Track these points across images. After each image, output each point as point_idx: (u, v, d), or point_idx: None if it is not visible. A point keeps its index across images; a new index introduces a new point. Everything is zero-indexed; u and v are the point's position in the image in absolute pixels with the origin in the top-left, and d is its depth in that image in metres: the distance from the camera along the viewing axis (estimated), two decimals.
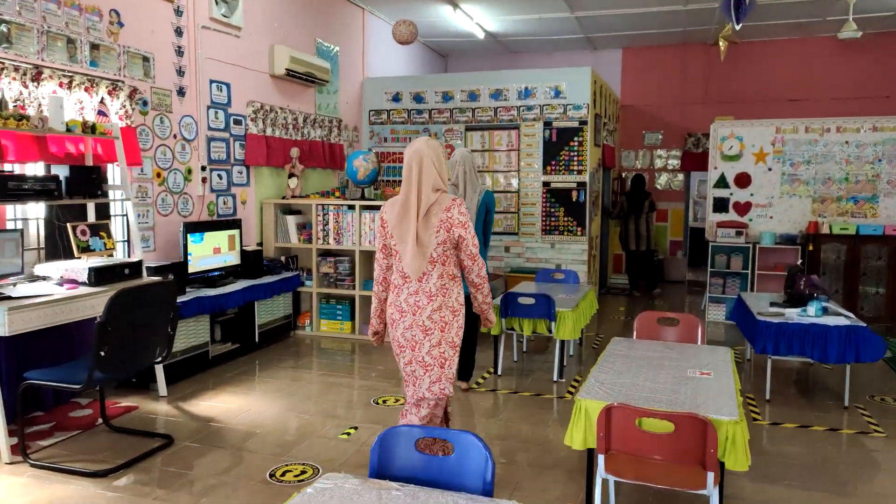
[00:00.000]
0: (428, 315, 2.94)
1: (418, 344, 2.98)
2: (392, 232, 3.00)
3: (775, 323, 4.65)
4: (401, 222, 2.96)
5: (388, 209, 3.04)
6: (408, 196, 2.95)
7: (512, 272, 7.80)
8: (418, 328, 2.96)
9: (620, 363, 3.42)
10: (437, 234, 2.91)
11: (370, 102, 8.56)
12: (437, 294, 2.94)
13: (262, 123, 6.44)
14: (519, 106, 7.99)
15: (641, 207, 9.21)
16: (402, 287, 2.98)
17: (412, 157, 2.96)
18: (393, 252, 3.04)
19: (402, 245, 2.96)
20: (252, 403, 4.51)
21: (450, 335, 2.99)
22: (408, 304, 2.96)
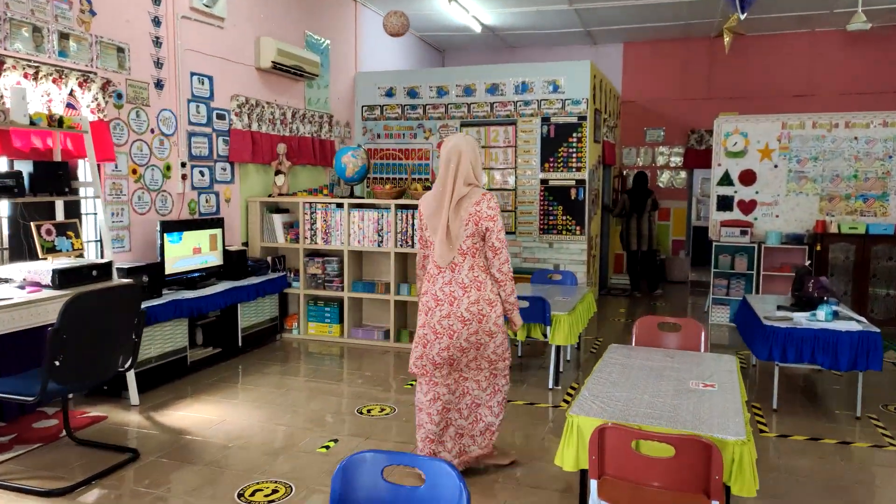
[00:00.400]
0: (466, 307, 3.10)
1: (456, 333, 3.13)
2: (428, 223, 3.17)
3: (783, 328, 4.39)
4: (434, 214, 3.14)
5: (424, 201, 3.21)
6: (443, 189, 3.12)
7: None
8: (456, 318, 3.11)
9: (617, 373, 3.17)
10: (465, 227, 3.07)
11: (363, 98, 8.31)
12: (470, 286, 3.09)
13: (247, 118, 6.19)
14: (516, 101, 7.73)
15: (643, 206, 8.94)
16: (437, 277, 3.15)
17: (451, 152, 3.13)
18: (428, 243, 3.22)
19: (433, 236, 3.14)
20: (229, 413, 4.26)
21: (487, 325, 3.16)
22: (443, 294, 3.12)
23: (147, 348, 4.62)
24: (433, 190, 3.20)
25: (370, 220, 6.02)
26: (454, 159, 3.12)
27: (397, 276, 6.03)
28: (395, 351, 5.92)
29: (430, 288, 3.17)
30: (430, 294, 3.16)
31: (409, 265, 6.24)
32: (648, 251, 9.11)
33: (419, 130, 8.12)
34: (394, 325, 6.05)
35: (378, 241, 6.01)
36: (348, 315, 6.20)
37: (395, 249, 5.95)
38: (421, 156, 8.13)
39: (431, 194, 3.21)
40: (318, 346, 6.11)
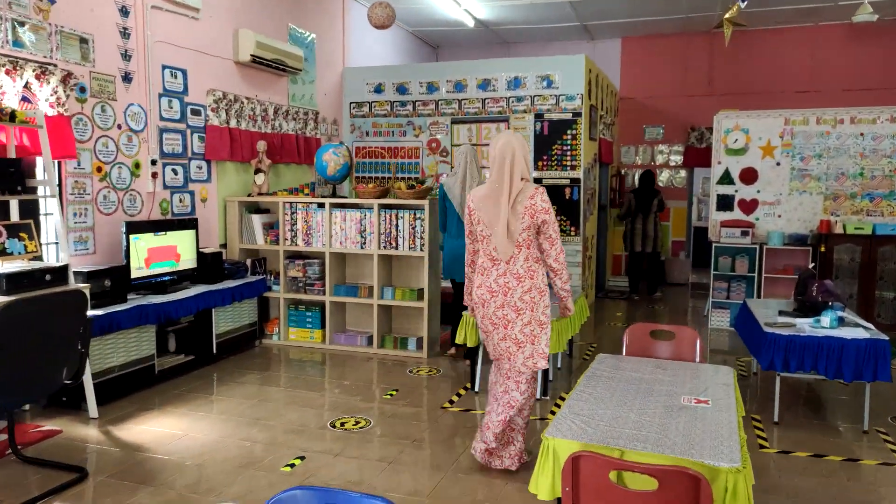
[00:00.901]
0: (519, 296, 3.21)
1: (511, 323, 3.25)
2: (480, 218, 3.25)
3: (785, 335, 4.10)
4: (491, 210, 3.21)
5: (475, 197, 3.29)
6: (499, 185, 3.20)
7: None
8: (510, 308, 3.23)
9: (603, 387, 2.90)
10: (522, 220, 3.17)
11: (351, 94, 8.05)
12: (524, 276, 3.22)
13: (224, 114, 5.93)
14: (508, 97, 7.46)
15: (650, 206, 8.66)
16: (491, 269, 3.26)
17: (504, 149, 3.22)
18: (479, 237, 3.30)
19: (491, 230, 3.22)
20: (193, 427, 4.00)
21: (538, 314, 3.26)
22: (497, 285, 3.23)
23: (109, 357, 4.36)
24: (486, 187, 3.29)
25: (353, 221, 5.75)
26: (509, 156, 3.21)
27: (381, 279, 5.77)
28: (378, 358, 5.65)
29: (483, 281, 3.29)
30: (484, 287, 3.27)
31: (395, 267, 5.97)
32: (653, 253, 8.83)
33: (409, 128, 7.85)
34: (377, 330, 5.78)
35: (361, 242, 5.75)
36: (330, 320, 5.93)
37: (378, 251, 5.68)
38: (411, 154, 7.86)
39: (484, 191, 3.29)
40: (298, 352, 5.84)
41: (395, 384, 4.91)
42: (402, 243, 5.62)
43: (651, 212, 8.66)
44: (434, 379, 5.05)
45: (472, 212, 3.31)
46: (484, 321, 3.33)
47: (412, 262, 5.82)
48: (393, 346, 5.79)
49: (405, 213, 5.59)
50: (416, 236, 5.57)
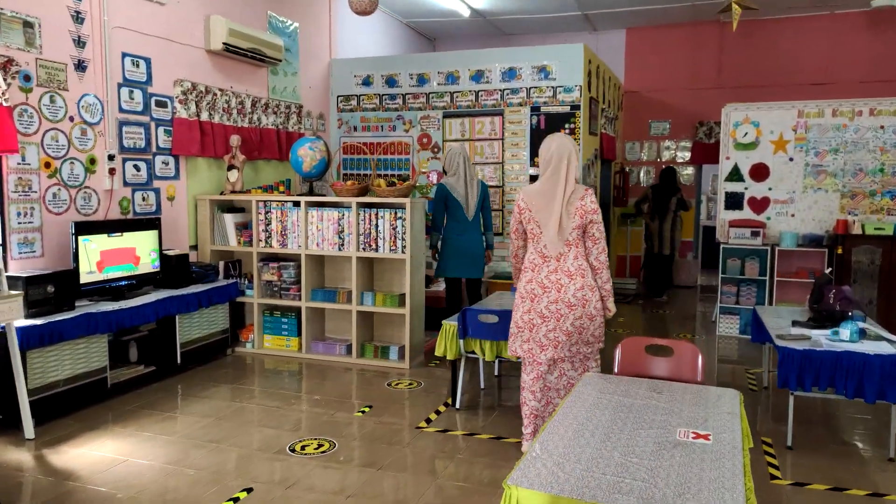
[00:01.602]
0: (572, 293, 3.34)
1: (563, 317, 3.36)
2: (534, 216, 3.37)
3: (799, 350, 3.65)
4: (544, 208, 3.34)
5: (527, 196, 3.40)
6: (554, 184, 3.33)
7: (495, 278, 6.85)
8: (563, 303, 3.35)
9: (586, 416, 2.48)
10: (573, 219, 3.33)
11: (338, 87, 7.64)
12: (575, 274, 3.35)
13: (194, 106, 5.54)
14: (503, 89, 7.03)
15: (667, 205, 8.22)
16: (542, 266, 3.39)
17: (561, 150, 3.35)
18: (530, 235, 3.43)
19: (544, 228, 3.35)
20: (136, 450, 3.60)
21: (589, 309, 3.38)
22: (549, 281, 3.37)
23: (52, 370, 3.97)
24: (539, 185, 3.40)
25: (330, 221, 5.34)
26: (566, 157, 3.35)
27: (360, 283, 5.35)
28: (357, 368, 5.24)
29: (533, 276, 3.40)
30: (535, 282, 3.39)
31: (376, 270, 5.56)
32: (669, 256, 8.39)
33: (398, 122, 7.44)
34: (356, 338, 5.36)
35: (339, 244, 5.34)
36: (307, 327, 5.52)
37: (356, 253, 5.27)
38: (401, 150, 7.45)
39: (537, 190, 3.40)
40: (273, 361, 5.44)
41: (371, 399, 4.50)
42: (383, 245, 5.20)
43: (669, 211, 8.22)
44: (414, 393, 4.64)
45: (521, 210, 3.42)
46: (530, 314, 3.42)
47: (396, 265, 5.41)
48: (373, 356, 5.38)
49: (385, 212, 5.18)
50: (398, 237, 5.15)
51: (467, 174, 5.54)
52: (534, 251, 3.42)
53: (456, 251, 5.54)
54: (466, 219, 5.57)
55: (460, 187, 5.49)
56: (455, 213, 5.50)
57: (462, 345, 4.19)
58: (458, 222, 5.52)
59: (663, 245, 8.33)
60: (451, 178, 5.54)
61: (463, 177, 5.53)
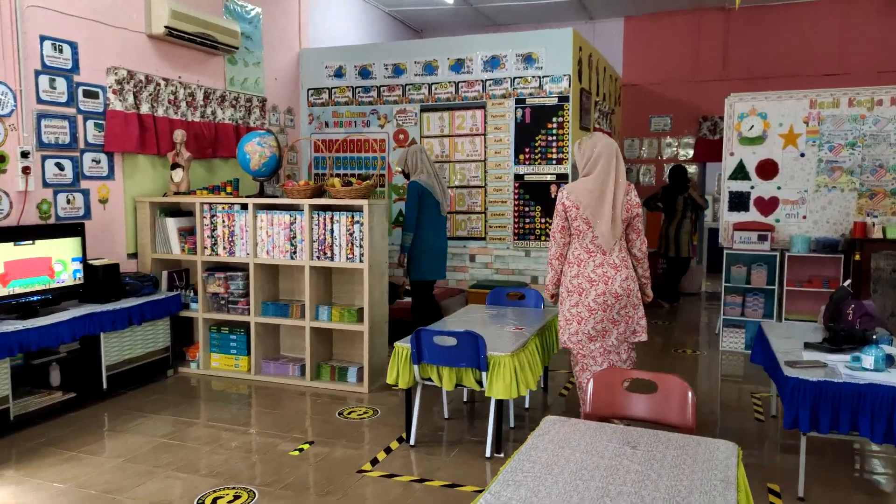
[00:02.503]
0: (619, 284, 3.47)
1: (610, 307, 3.49)
2: (582, 214, 3.45)
3: (812, 381, 3.02)
4: (595, 204, 3.43)
5: (573, 194, 3.48)
6: (605, 180, 3.43)
7: (476, 287, 6.23)
8: (611, 295, 3.47)
9: (535, 479, 1.90)
10: (622, 214, 3.46)
11: (309, 79, 7.05)
12: (620, 266, 3.48)
13: (132, 98, 4.96)
14: (485, 80, 6.42)
15: (674, 206, 7.60)
16: (587, 261, 3.50)
17: (609, 147, 3.48)
18: (575, 232, 3.52)
19: (595, 224, 3.44)
20: (18, 502, 3.02)
21: (633, 299, 3.53)
22: (596, 275, 3.48)
23: None
24: (586, 183, 3.48)
25: (281, 226, 4.75)
26: (614, 155, 3.48)
27: (315, 295, 4.76)
28: (311, 392, 4.64)
29: (580, 271, 3.52)
30: (581, 276, 3.51)
31: (335, 281, 4.95)
32: (677, 259, 7.76)
33: (373, 117, 6.84)
34: (311, 358, 4.76)
35: (291, 251, 4.74)
36: (257, 345, 4.93)
37: (310, 262, 4.67)
38: (375, 147, 6.85)
39: (584, 188, 3.47)
40: (219, 384, 4.86)
41: (316, 431, 3.90)
42: (339, 252, 4.60)
43: (677, 211, 7.60)
44: (367, 425, 4.03)
45: (567, 208, 3.50)
46: (577, 307, 3.54)
47: (357, 275, 4.80)
48: (330, 378, 4.78)
49: (341, 215, 4.58)
50: (355, 244, 4.55)
51: (433, 168, 5.29)
52: (579, 247, 3.53)
53: (432, 252, 5.27)
54: (441, 217, 5.31)
55: (436, 186, 5.25)
56: (431, 211, 5.21)
57: (417, 371, 3.58)
58: (434, 222, 5.26)
59: (670, 247, 7.73)
60: (422, 175, 5.21)
61: (433, 173, 5.27)
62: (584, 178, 3.51)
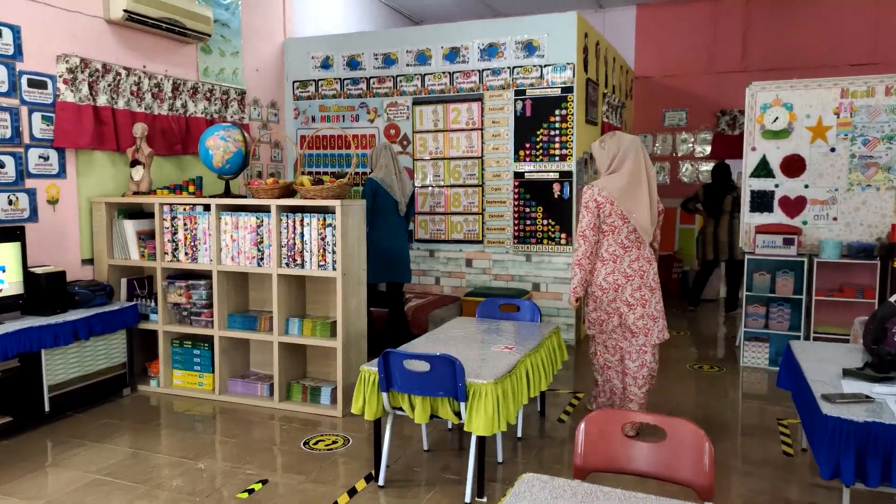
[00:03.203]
0: (652, 277, 3.64)
1: (647, 301, 3.62)
2: (617, 209, 3.51)
3: (858, 422, 2.47)
4: (630, 199, 3.51)
5: (606, 191, 3.52)
6: (638, 176, 3.53)
7: (472, 294, 5.71)
8: (647, 289, 3.61)
9: None
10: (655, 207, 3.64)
11: (294, 70, 6.57)
12: (651, 259, 3.65)
13: (87, 88, 4.49)
14: (482, 69, 5.90)
15: (720, 205, 7.03)
16: (623, 256, 3.58)
17: (636, 143, 3.59)
18: (609, 229, 3.56)
19: (633, 218, 3.51)
20: None
21: (658, 292, 3.70)
22: (632, 270, 3.58)
23: None
24: (619, 179, 3.52)
25: (247, 229, 4.26)
26: (642, 151, 3.57)
27: (285, 307, 4.26)
28: (281, 415, 4.15)
29: (615, 268, 3.55)
30: (617, 273, 3.55)
31: (310, 290, 4.45)
32: (730, 261, 7.16)
33: (362, 111, 6.34)
34: (280, 377, 4.27)
35: (258, 257, 4.25)
36: (222, 361, 4.44)
37: (278, 270, 4.17)
38: (366, 143, 6.35)
39: (617, 184, 3.51)
40: (181, 404, 4.38)
41: (273, 467, 3.39)
42: (310, 259, 4.10)
43: (724, 212, 7.03)
44: (333, 459, 3.52)
45: (600, 205, 3.52)
46: (615, 303, 3.60)
47: (331, 284, 4.30)
48: (302, 399, 4.28)
49: (312, 217, 4.08)
50: (327, 250, 4.05)
51: (396, 167, 5.08)
52: (613, 243, 3.55)
53: (382, 254, 5.00)
54: (398, 216, 5.09)
55: (395, 183, 5.03)
56: (386, 210, 5.00)
57: (386, 399, 3.07)
58: (388, 222, 5.04)
59: (720, 251, 7.13)
60: (380, 172, 5.03)
61: (393, 170, 5.06)
62: (610, 175, 3.58)
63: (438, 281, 6.21)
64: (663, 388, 4.63)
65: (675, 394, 4.59)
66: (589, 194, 3.56)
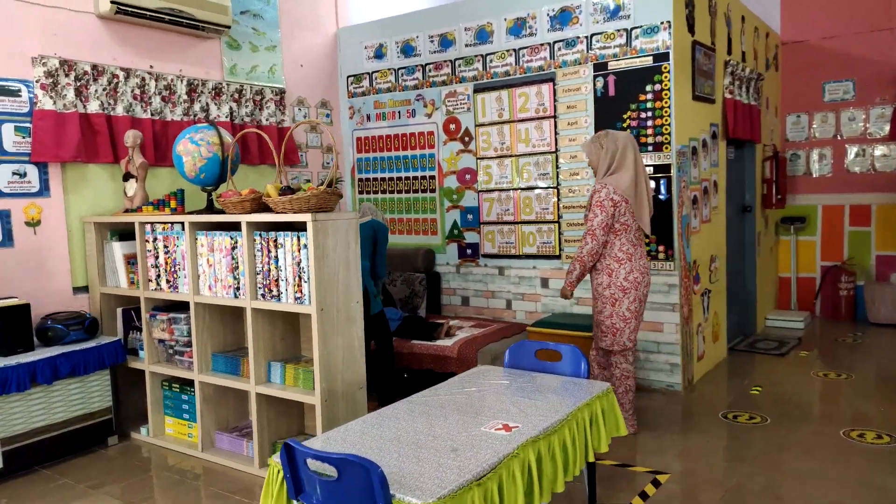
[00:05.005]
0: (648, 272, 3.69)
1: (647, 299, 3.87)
2: (630, 208, 3.53)
3: None
4: (637, 196, 3.57)
5: (619, 189, 3.51)
6: (638, 172, 3.58)
7: (541, 325, 4.53)
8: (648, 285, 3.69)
9: None
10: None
11: (348, 64, 5.79)
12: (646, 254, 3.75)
13: (72, 93, 3.97)
14: (553, 42, 4.73)
15: None
16: (634, 253, 3.60)
17: (630, 139, 3.61)
18: (622, 227, 3.55)
19: (639, 215, 3.58)
20: None
21: None
22: (645, 268, 3.63)
23: None
24: (627, 176, 3.53)
25: (222, 251, 3.47)
26: (637, 149, 3.63)
27: (266, 348, 3.41)
28: (259, 484, 3.30)
29: (633, 266, 3.57)
30: (636, 271, 3.57)
31: (304, 326, 3.57)
32: None
33: (418, 104, 5.41)
34: (260, 437, 3.42)
35: (234, 286, 3.44)
36: (204, 410, 3.68)
37: (252, 303, 3.33)
38: (423, 143, 5.41)
39: (627, 182, 3.52)
40: (165, 460, 3.69)
41: None
42: (286, 288, 3.22)
43: None
44: None
45: (616, 203, 3.50)
46: (636, 303, 3.58)
47: None
48: None
49: (286, 237, 3.19)
50: (302, 277, 3.14)
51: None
52: (626, 242, 3.56)
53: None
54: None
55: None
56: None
57: None
58: None
59: None
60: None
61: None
62: (613, 174, 3.57)
63: (510, 304, 5.09)
64: (790, 470, 3.19)
65: (820, 483, 3.13)
66: (605, 193, 3.53)
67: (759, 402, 4.27)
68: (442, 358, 4.28)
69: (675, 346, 4.43)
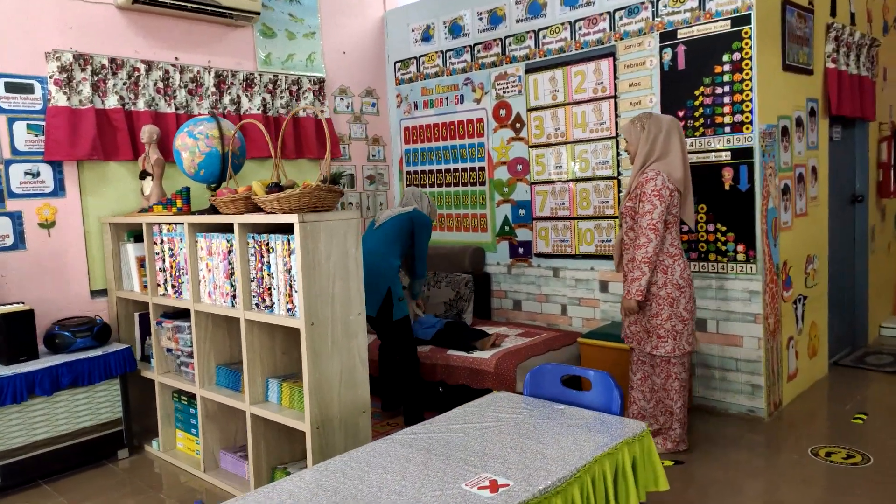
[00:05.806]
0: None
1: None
2: (681, 199, 3.26)
3: None
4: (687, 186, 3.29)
5: (672, 180, 3.20)
6: (684, 159, 3.26)
7: (594, 336, 3.94)
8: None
9: None
10: None
11: (395, 49, 5.39)
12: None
13: (89, 89, 3.79)
14: (613, 10, 4.11)
15: None
16: (682, 247, 3.29)
17: (674, 122, 3.29)
18: (674, 221, 3.24)
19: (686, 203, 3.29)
20: None
21: None
22: (687, 262, 3.33)
23: None
24: (675, 163, 3.23)
25: (220, 255, 3.15)
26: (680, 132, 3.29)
27: (262, 363, 3.05)
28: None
29: (685, 263, 3.26)
30: (687, 268, 3.26)
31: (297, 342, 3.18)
32: None
33: (466, 88, 4.93)
34: (256, 462, 3.07)
35: (231, 294, 3.11)
36: (207, 427, 3.39)
37: (246, 313, 2.98)
38: (472, 131, 4.92)
39: (680, 167, 3.23)
40: (167, 477, 3.44)
41: None
42: (279, 298, 2.85)
43: None
44: None
45: (672, 192, 3.21)
46: (692, 302, 3.29)
47: None
48: None
49: (277, 240, 2.81)
50: (293, 285, 2.75)
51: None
52: (676, 236, 3.28)
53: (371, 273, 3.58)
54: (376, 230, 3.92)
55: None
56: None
57: None
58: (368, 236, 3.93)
59: None
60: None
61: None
62: (661, 160, 3.24)
63: (565, 310, 4.53)
64: None
65: None
66: (661, 181, 3.17)
67: (863, 434, 3.49)
68: (478, 372, 3.79)
69: (757, 364, 3.72)
